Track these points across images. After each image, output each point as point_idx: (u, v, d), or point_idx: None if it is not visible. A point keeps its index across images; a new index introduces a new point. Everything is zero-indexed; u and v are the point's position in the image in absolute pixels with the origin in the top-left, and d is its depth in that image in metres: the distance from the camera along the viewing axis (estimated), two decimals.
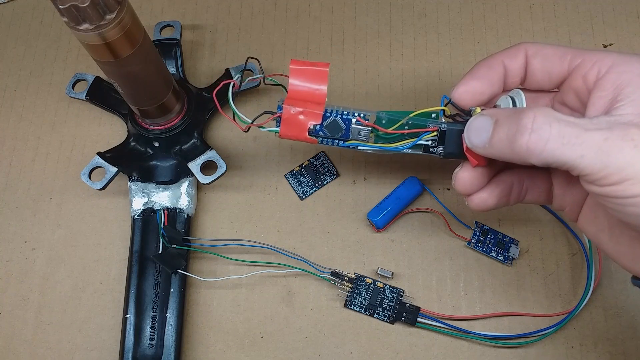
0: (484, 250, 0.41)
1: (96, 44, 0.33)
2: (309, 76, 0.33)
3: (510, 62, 0.31)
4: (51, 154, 0.46)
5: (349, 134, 0.33)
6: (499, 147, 0.27)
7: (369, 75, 0.47)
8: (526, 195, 0.33)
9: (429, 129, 0.32)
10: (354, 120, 0.33)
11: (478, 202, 0.32)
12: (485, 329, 0.39)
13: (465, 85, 0.31)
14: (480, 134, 0.28)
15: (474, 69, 0.32)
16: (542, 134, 0.25)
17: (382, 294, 0.40)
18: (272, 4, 0.50)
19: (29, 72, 0.49)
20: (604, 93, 0.27)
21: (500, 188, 0.32)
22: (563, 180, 0.31)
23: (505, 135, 0.27)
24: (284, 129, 0.33)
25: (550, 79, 0.31)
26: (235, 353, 0.39)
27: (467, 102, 0.31)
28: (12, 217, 0.44)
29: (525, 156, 0.26)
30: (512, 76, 0.31)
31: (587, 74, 0.28)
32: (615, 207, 0.25)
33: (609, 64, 0.27)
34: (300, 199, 0.43)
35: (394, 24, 0.48)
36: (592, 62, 0.28)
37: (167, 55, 0.46)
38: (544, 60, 0.30)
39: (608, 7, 0.48)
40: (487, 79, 0.31)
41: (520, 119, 0.26)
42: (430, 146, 0.32)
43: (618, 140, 0.24)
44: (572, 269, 0.40)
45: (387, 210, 0.41)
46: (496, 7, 0.49)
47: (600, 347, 0.38)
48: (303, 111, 0.32)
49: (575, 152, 0.24)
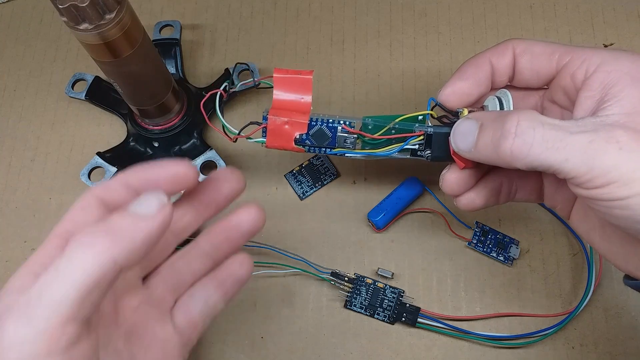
0: (485, 251, 0.41)
1: (96, 44, 0.33)
2: (293, 85, 0.32)
3: (498, 60, 0.31)
4: (50, 154, 0.46)
5: (335, 141, 0.33)
6: (484, 151, 0.27)
7: (369, 75, 0.47)
8: (517, 194, 0.33)
9: (415, 133, 0.32)
10: (340, 128, 0.32)
11: (466, 202, 0.32)
12: (486, 329, 0.39)
13: (452, 87, 0.31)
14: (466, 139, 0.28)
15: (461, 69, 0.31)
16: (526, 138, 0.25)
17: (383, 294, 0.39)
18: (272, 4, 0.50)
19: (29, 71, 0.48)
20: (592, 93, 0.27)
21: (489, 188, 0.32)
22: (553, 180, 0.31)
23: (490, 139, 0.26)
24: (270, 139, 0.33)
25: (539, 78, 0.30)
26: (234, 353, 0.39)
27: (454, 103, 0.31)
28: (12, 217, 0.44)
29: (509, 160, 0.26)
30: (499, 75, 0.31)
31: (575, 72, 0.28)
32: (602, 210, 0.25)
33: (597, 63, 0.27)
34: (300, 199, 0.43)
35: (394, 24, 0.48)
36: (581, 61, 0.28)
37: (167, 55, 0.46)
38: (532, 59, 0.30)
39: (608, 7, 0.48)
40: (474, 79, 0.31)
41: (504, 123, 0.26)
42: (417, 150, 0.32)
43: (603, 143, 0.24)
44: (572, 269, 0.40)
45: (387, 211, 0.41)
46: (496, 7, 0.48)
47: (600, 347, 0.38)
48: (288, 121, 0.32)
49: (559, 155, 0.24)
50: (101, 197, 0.24)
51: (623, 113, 0.25)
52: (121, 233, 0.21)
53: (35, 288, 0.20)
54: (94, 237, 0.21)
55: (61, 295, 0.19)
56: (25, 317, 0.19)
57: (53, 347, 0.19)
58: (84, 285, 0.20)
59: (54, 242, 0.23)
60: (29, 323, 0.19)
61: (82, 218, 0.24)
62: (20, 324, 0.19)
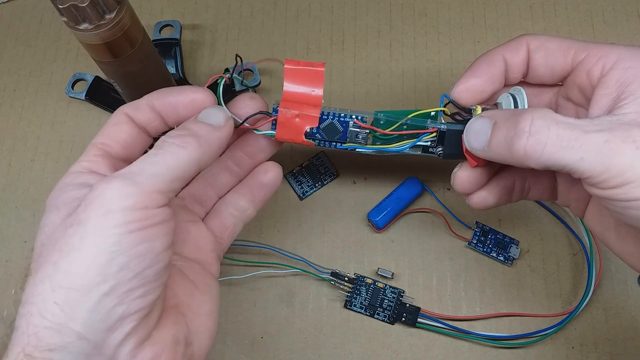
0: (485, 251, 0.41)
1: (96, 44, 0.33)
2: (305, 77, 0.31)
3: (512, 56, 0.30)
4: (50, 154, 0.46)
5: (346, 136, 0.33)
6: (497, 150, 0.27)
7: (369, 75, 0.47)
8: (530, 193, 0.32)
9: (428, 130, 0.31)
10: (352, 123, 0.32)
11: (478, 201, 0.32)
12: (486, 329, 0.39)
13: (465, 84, 0.30)
14: (479, 137, 0.28)
15: (474, 65, 0.31)
16: (540, 137, 0.24)
17: (382, 294, 0.39)
18: (272, 4, 0.50)
19: (29, 71, 0.48)
20: (608, 91, 0.26)
21: (501, 186, 0.31)
22: (567, 178, 0.31)
23: (504, 138, 0.26)
24: (280, 132, 0.32)
25: (553, 75, 0.30)
26: (235, 353, 0.39)
27: (467, 100, 0.30)
28: (12, 217, 0.44)
29: (523, 160, 0.25)
30: (513, 71, 0.30)
31: (591, 69, 0.27)
32: (617, 210, 0.24)
33: (613, 60, 0.26)
34: (300, 199, 0.43)
35: (394, 24, 0.48)
36: (597, 57, 0.27)
37: (167, 55, 0.45)
38: (546, 55, 0.29)
39: (608, 7, 0.48)
40: (488, 75, 0.30)
41: (518, 121, 0.25)
42: (429, 146, 0.32)
43: (619, 142, 0.23)
44: (572, 269, 0.40)
45: (387, 211, 0.41)
46: (496, 7, 0.48)
47: (600, 347, 0.38)
48: (299, 114, 0.31)
49: (574, 155, 0.24)
50: (130, 115, 0.29)
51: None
52: (203, 139, 0.27)
53: (138, 164, 0.25)
54: (184, 139, 0.26)
55: (160, 171, 0.25)
56: (131, 179, 0.24)
57: (148, 203, 0.24)
58: (175, 171, 0.25)
59: (93, 150, 0.28)
60: (134, 183, 0.24)
61: (114, 131, 0.28)
62: (127, 183, 0.24)
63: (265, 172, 0.34)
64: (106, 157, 0.28)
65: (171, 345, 0.25)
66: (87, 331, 0.22)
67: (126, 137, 0.29)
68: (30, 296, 0.23)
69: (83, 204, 0.24)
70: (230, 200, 0.34)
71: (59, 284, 0.23)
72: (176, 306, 0.27)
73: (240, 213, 0.34)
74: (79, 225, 0.23)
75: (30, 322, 0.23)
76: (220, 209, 0.33)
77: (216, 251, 0.33)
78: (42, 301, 0.23)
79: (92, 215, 0.23)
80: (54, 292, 0.22)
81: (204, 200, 0.34)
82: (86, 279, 0.22)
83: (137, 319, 0.24)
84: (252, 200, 0.34)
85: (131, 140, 0.29)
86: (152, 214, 0.24)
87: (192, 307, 0.28)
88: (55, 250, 0.23)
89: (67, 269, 0.23)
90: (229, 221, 0.33)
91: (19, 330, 0.23)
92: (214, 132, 0.28)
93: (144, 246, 0.24)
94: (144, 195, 0.24)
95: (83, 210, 0.24)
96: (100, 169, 0.27)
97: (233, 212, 0.33)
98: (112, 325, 0.23)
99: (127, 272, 0.23)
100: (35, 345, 0.22)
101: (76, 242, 0.23)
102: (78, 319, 0.22)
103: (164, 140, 0.27)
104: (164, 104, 0.29)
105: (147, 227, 0.24)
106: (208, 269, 0.31)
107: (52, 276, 0.23)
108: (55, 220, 0.25)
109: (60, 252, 0.23)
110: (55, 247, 0.23)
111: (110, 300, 0.23)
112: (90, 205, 0.24)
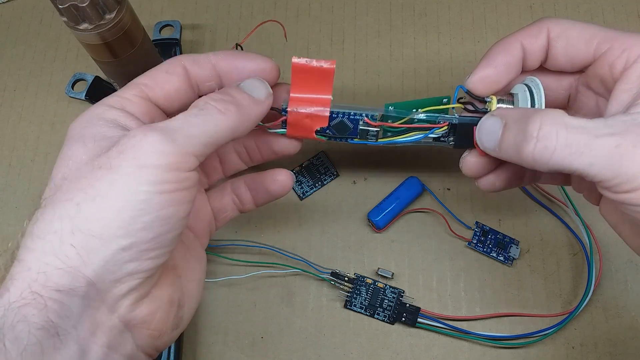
0: (485, 251, 0.41)
1: (96, 44, 0.33)
2: (313, 76, 0.30)
3: (530, 43, 0.29)
4: (51, 154, 0.46)
5: (356, 133, 0.32)
6: (508, 152, 0.26)
7: (369, 75, 0.47)
8: (542, 178, 0.32)
9: (440, 124, 0.31)
10: (362, 121, 0.32)
11: (486, 184, 0.31)
12: (486, 329, 0.39)
13: (480, 74, 0.29)
14: (490, 137, 0.28)
15: (490, 53, 0.30)
16: (548, 143, 0.24)
17: (382, 294, 0.39)
18: (272, 4, 0.50)
19: (29, 71, 0.48)
20: (629, 86, 0.25)
21: (511, 171, 0.31)
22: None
23: (513, 141, 0.26)
24: (291, 130, 0.32)
25: (574, 65, 0.29)
26: (235, 353, 0.39)
27: (482, 91, 0.30)
28: (12, 217, 0.44)
29: (532, 164, 0.25)
30: (531, 59, 0.29)
31: (614, 62, 0.26)
32: (630, 212, 0.24)
33: (638, 53, 0.26)
34: (300, 199, 0.43)
35: (394, 24, 0.48)
36: (621, 50, 0.26)
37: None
38: (567, 45, 0.28)
39: (608, 7, 0.48)
40: (504, 65, 0.29)
41: (527, 125, 0.25)
42: (440, 137, 0.32)
43: (630, 147, 0.23)
44: (572, 269, 0.40)
45: (387, 211, 0.41)
46: (496, 7, 0.48)
47: (600, 347, 0.38)
48: (309, 115, 0.31)
49: (584, 160, 0.23)
50: (188, 68, 0.28)
51: None
52: (244, 109, 0.26)
53: (178, 121, 0.24)
54: (226, 105, 0.26)
55: (198, 133, 0.24)
56: (170, 136, 0.23)
57: (182, 165, 0.23)
58: (212, 136, 0.25)
59: (133, 89, 0.27)
60: (173, 140, 0.23)
61: (164, 79, 0.27)
62: (165, 139, 0.23)
63: (274, 180, 0.33)
64: (144, 100, 0.27)
65: (167, 304, 0.26)
66: (97, 279, 0.22)
67: (173, 89, 0.28)
68: (44, 232, 0.22)
69: (116, 149, 0.23)
70: (237, 187, 0.33)
71: (79, 227, 0.22)
72: (174, 268, 0.27)
73: (241, 204, 0.34)
74: (108, 171, 0.22)
75: (40, 259, 0.22)
76: (225, 191, 0.33)
77: (209, 227, 0.33)
78: (59, 240, 0.22)
79: (125, 165, 0.22)
80: (73, 235, 0.22)
81: (210, 173, 0.33)
82: (108, 230, 0.22)
83: (144, 277, 0.23)
84: (255, 198, 0.34)
85: (177, 93, 0.28)
86: (184, 177, 0.24)
87: (186, 273, 0.28)
88: (79, 189, 0.23)
89: (90, 214, 0.22)
90: (229, 206, 0.33)
91: (23, 265, 0.22)
92: (254, 105, 0.27)
93: (170, 210, 0.23)
94: (179, 156, 0.23)
95: (115, 157, 0.23)
96: (135, 110, 0.26)
97: (235, 199, 0.34)
98: (121, 278, 0.23)
99: (149, 232, 0.23)
100: (43, 284, 0.21)
101: (104, 188, 0.22)
102: (92, 265, 0.22)
103: (206, 101, 0.26)
104: (229, 65, 0.28)
105: (176, 190, 0.23)
106: (200, 239, 0.32)
107: (73, 218, 0.22)
108: (82, 156, 0.24)
109: (85, 194, 0.22)
110: (79, 186, 0.23)
111: (125, 255, 0.22)
112: (124, 153, 0.23)
